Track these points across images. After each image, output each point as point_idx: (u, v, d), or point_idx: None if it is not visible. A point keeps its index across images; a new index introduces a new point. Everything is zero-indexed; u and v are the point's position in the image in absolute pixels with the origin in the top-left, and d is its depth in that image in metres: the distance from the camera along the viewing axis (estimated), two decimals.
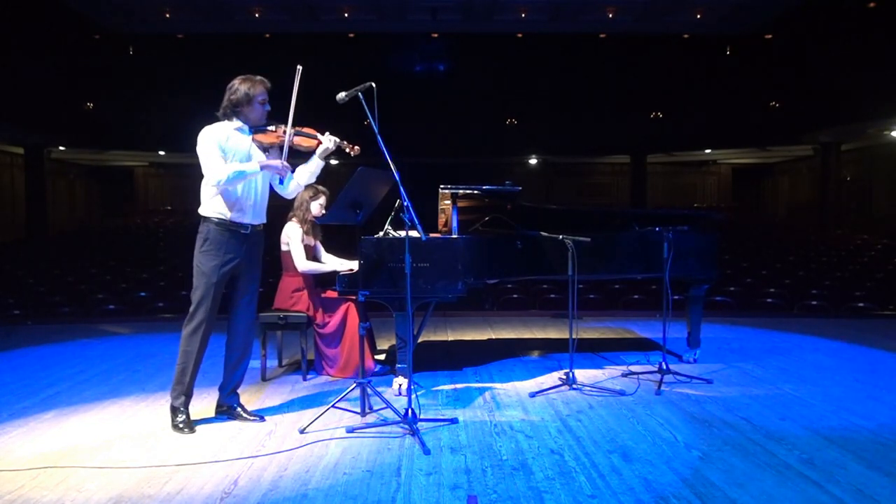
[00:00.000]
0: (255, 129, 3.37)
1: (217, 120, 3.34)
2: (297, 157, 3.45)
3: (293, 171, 3.51)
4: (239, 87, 3.29)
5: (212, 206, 3.31)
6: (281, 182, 3.48)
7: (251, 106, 3.30)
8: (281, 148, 3.42)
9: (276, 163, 3.34)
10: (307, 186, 4.43)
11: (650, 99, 18.47)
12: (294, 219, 4.40)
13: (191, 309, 3.31)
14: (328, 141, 3.44)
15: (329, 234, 4.61)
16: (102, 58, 18.08)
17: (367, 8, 17.27)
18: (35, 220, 16.32)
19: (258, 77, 3.34)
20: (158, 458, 2.93)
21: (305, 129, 3.44)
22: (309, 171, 3.51)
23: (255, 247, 3.45)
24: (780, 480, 2.64)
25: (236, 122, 3.33)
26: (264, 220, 3.48)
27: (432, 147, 17.46)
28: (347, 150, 3.48)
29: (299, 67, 3.33)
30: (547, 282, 8.70)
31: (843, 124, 15.31)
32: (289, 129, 3.36)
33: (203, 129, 3.28)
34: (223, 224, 3.30)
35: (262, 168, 3.30)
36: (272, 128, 3.39)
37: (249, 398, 3.91)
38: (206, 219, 3.32)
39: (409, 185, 3.32)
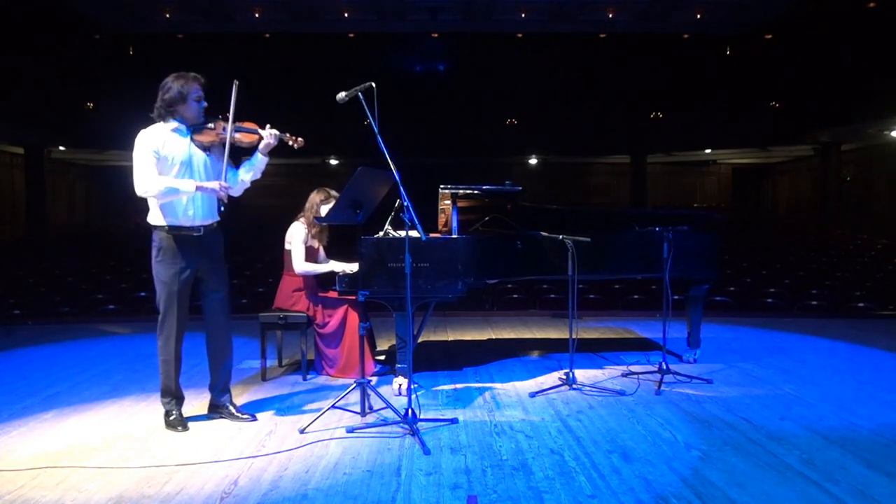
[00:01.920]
0: (194, 127, 3.27)
1: (152, 122, 3.25)
2: (240, 153, 3.35)
3: (237, 168, 3.41)
4: (172, 85, 3.20)
5: (158, 213, 3.23)
6: (235, 168, 3.38)
7: (186, 104, 3.21)
8: (221, 144, 3.30)
9: (214, 185, 3.20)
10: (318, 189, 4.44)
11: (650, 99, 18.46)
12: (302, 219, 4.39)
13: (159, 319, 3.29)
14: (269, 136, 3.32)
15: (329, 235, 4.59)
16: (102, 58, 18.08)
17: (367, 8, 17.27)
18: (35, 220, 16.31)
19: (192, 74, 3.25)
20: (158, 458, 2.93)
21: (246, 124, 3.34)
22: (253, 168, 3.40)
23: (213, 246, 3.35)
24: (780, 480, 2.64)
25: (172, 123, 3.24)
26: (217, 218, 3.38)
27: (432, 147, 17.47)
28: (291, 142, 3.37)
29: (236, 82, 3.24)
30: (547, 282, 8.69)
31: (843, 124, 15.31)
32: (229, 126, 3.25)
33: (139, 134, 3.18)
34: (173, 230, 3.22)
35: (197, 189, 3.18)
36: (211, 125, 3.28)
37: (250, 398, 3.92)
38: (156, 227, 3.24)
39: (409, 185, 3.32)
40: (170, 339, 3.29)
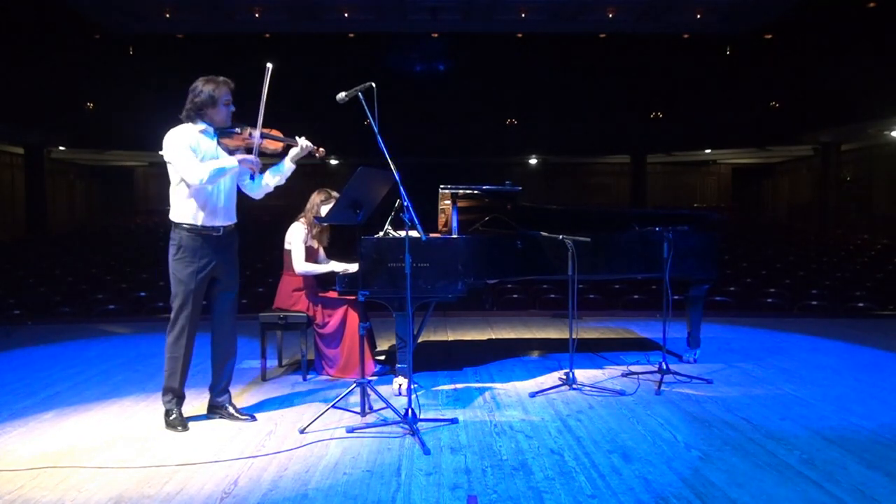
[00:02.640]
0: (221, 131, 3.32)
1: (180, 122, 3.29)
2: (263, 159, 3.41)
3: (262, 173, 3.48)
4: (203, 88, 3.24)
5: (182, 211, 3.27)
6: (252, 178, 3.44)
7: (216, 108, 3.26)
8: (248, 150, 3.38)
9: (252, 158, 3.32)
10: (319, 190, 4.46)
11: (650, 99, 18.47)
12: (302, 219, 4.39)
13: (171, 316, 3.31)
14: (300, 145, 3.41)
15: (329, 235, 4.59)
16: (102, 58, 18.09)
17: (367, 8, 17.27)
18: (35, 220, 16.33)
19: (221, 78, 3.30)
20: (158, 458, 2.93)
21: (272, 132, 3.40)
22: (280, 174, 3.49)
23: (230, 247, 3.42)
24: (780, 480, 2.64)
25: (200, 125, 3.29)
26: (235, 220, 3.44)
27: (432, 147, 17.47)
28: (316, 153, 3.47)
29: (269, 65, 3.27)
30: (547, 282, 8.69)
31: (843, 124, 15.32)
32: (256, 132, 3.31)
33: (169, 133, 3.23)
34: (195, 229, 3.27)
35: (240, 163, 3.28)
36: (238, 130, 3.34)
37: (249, 398, 3.92)
38: (178, 225, 3.28)
39: (409, 185, 3.32)
40: (181, 337, 3.30)
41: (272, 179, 3.49)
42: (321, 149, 3.47)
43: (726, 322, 6.67)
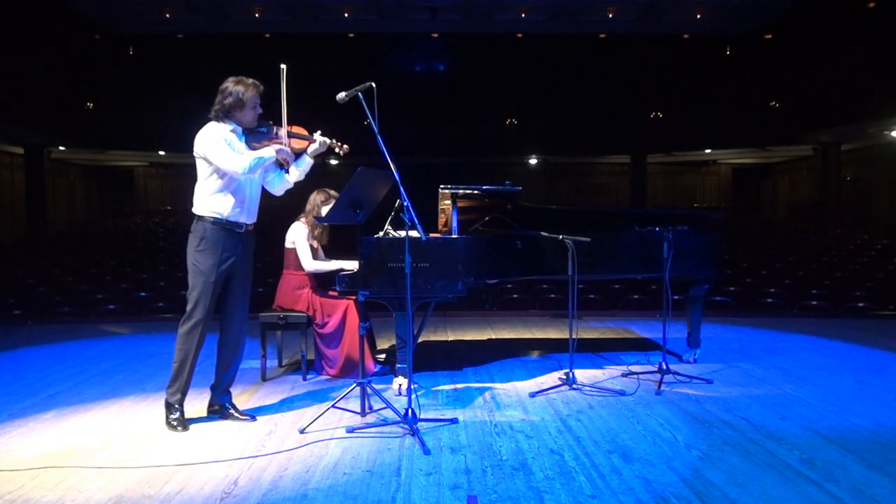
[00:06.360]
0: (249, 132, 3.40)
1: (209, 121, 3.35)
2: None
3: (286, 171, 3.56)
4: (232, 90, 3.29)
5: (207, 205, 3.32)
6: (286, 170, 3.52)
7: (243, 110, 3.32)
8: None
9: (286, 150, 3.37)
10: (319, 190, 4.52)
11: (650, 99, 18.46)
12: (303, 219, 4.41)
13: (188, 308, 3.32)
14: (320, 142, 3.47)
15: (329, 235, 4.60)
16: (102, 58, 18.08)
17: (367, 8, 17.27)
18: (35, 220, 16.30)
19: (250, 80, 3.34)
20: (158, 458, 2.93)
21: (297, 130, 3.47)
22: (300, 171, 3.55)
23: (249, 246, 3.48)
24: (780, 480, 2.64)
25: (229, 125, 3.35)
26: (255, 220, 3.50)
27: (432, 147, 17.46)
28: (337, 149, 3.51)
29: (283, 66, 3.33)
30: (547, 282, 8.69)
31: (843, 124, 15.29)
32: (283, 133, 3.38)
33: (202, 129, 3.28)
34: (219, 223, 3.31)
35: (277, 153, 3.33)
36: (265, 131, 3.42)
37: (249, 398, 3.92)
38: (201, 218, 3.33)
39: (409, 185, 3.32)
40: (195, 330, 3.31)
41: (292, 175, 3.56)
42: (345, 146, 3.51)
43: (726, 322, 6.66)
